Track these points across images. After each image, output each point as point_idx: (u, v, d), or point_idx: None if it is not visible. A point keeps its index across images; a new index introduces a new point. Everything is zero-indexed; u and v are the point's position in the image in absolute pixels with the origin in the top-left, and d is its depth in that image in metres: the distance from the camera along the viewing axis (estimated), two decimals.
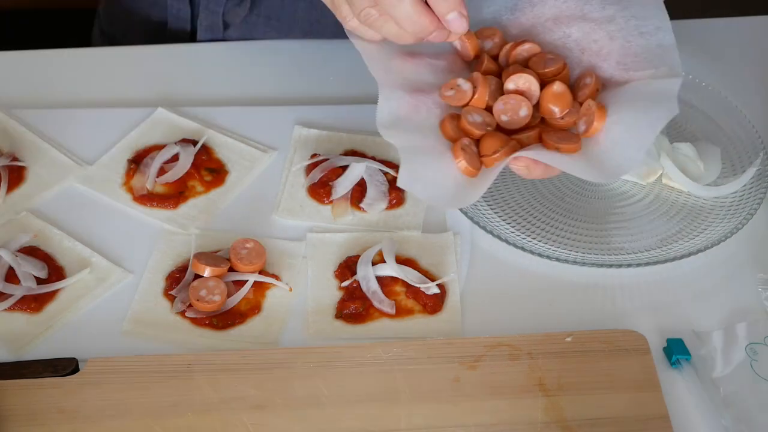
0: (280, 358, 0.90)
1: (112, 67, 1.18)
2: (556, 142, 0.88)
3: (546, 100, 0.90)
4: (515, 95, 0.90)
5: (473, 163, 0.88)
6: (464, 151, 0.88)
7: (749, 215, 1.00)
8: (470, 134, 0.89)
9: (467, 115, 0.89)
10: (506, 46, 0.95)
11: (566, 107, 0.90)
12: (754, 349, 0.91)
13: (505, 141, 0.88)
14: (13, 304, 0.93)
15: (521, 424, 0.86)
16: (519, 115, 0.90)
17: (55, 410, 0.86)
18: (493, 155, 0.88)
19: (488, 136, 0.89)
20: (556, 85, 0.90)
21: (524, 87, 0.91)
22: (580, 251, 0.99)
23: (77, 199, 1.03)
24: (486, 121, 0.90)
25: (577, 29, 0.94)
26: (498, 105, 0.90)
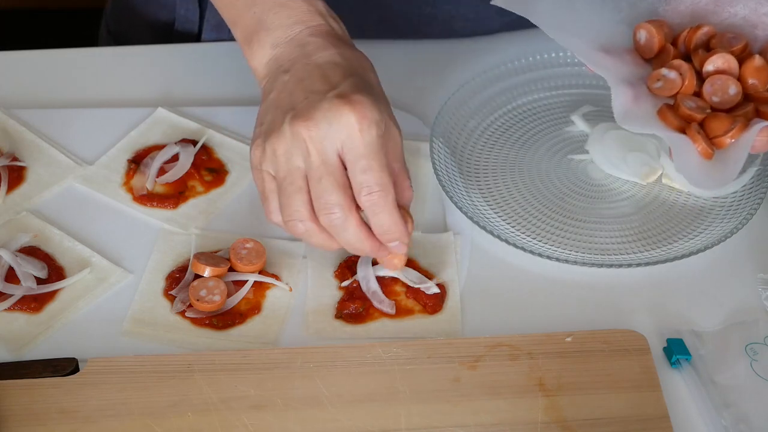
0: (280, 358, 0.90)
1: (113, 66, 1.18)
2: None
3: (747, 75, 0.93)
4: (720, 75, 0.92)
5: (710, 145, 0.91)
6: (700, 135, 0.90)
7: (749, 215, 1.00)
8: (693, 119, 0.92)
9: (684, 102, 0.91)
10: (683, 33, 0.97)
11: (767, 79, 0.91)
12: (754, 349, 0.91)
13: (732, 119, 0.91)
14: (13, 304, 0.93)
15: (521, 424, 0.86)
16: (729, 93, 0.92)
17: (55, 410, 0.86)
18: (726, 135, 0.90)
19: (711, 117, 0.91)
20: (757, 59, 0.93)
21: (724, 66, 0.93)
22: (580, 251, 0.99)
23: (77, 199, 1.03)
24: (700, 105, 0.92)
25: (742, 6, 0.95)
26: (706, 87, 0.92)
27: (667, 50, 0.97)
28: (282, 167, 0.88)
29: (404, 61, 1.17)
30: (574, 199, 1.04)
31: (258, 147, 0.91)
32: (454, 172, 1.05)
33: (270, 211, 0.91)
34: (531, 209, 1.03)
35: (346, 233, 0.88)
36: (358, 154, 0.86)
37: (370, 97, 0.87)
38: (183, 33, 1.23)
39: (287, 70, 0.90)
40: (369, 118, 0.86)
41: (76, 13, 2.34)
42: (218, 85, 1.16)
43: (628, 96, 0.93)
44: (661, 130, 0.93)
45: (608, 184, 1.06)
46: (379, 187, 0.87)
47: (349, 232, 0.88)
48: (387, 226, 0.89)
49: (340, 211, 0.87)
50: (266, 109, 0.91)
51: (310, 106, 0.86)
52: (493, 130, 1.10)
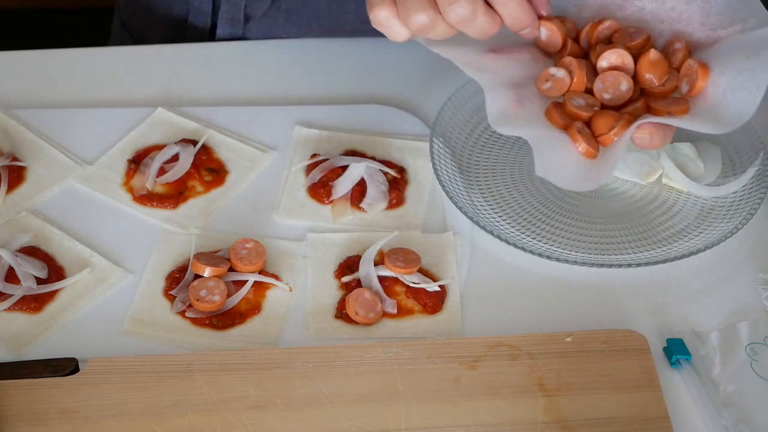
0: (280, 358, 0.90)
1: (112, 67, 1.18)
2: (666, 107, 0.88)
3: (643, 70, 0.90)
4: (612, 71, 0.91)
5: (592, 144, 0.89)
6: (581, 134, 0.89)
7: (749, 215, 1.00)
8: (579, 118, 0.90)
9: (571, 100, 0.90)
10: (585, 27, 0.95)
11: (664, 74, 0.90)
12: (754, 349, 0.91)
13: (616, 116, 0.89)
14: (13, 304, 0.93)
15: (521, 424, 0.86)
16: (620, 90, 0.90)
17: (55, 410, 0.86)
18: (610, 132, 0.88)
19: (597, 115, 0.90)
20: (652, 53, 0.90)
21: (618, 62, 0.91)
22: (580, 251, 0.99)
23: (77, 199, 1.03)
24: (589, 102, 0.91)
25: (649, 1, 0.94)
26: (597, 84, 0.91)
27: (565, 45, 0.95)
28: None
29: (404, 60, 1.17)
30: (574, 198, 1.04)
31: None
32: (454, 172, 1.05)
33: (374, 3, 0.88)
34: (531, 209, 1.03)
35: (476, 23, 0.87)
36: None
37: None
38: (196, 25, 1.23)
39: None
40: None
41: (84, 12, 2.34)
42: (218, 85, 1.16)
43: (507, 99, 0.91)
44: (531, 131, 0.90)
45: (608, 184, 1.06)
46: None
47: (479, 21, 0.87)
48: (517, 16, 0.88)
49: (466, 3, 0.86)
50: None
51: None
52: (493, 130, 1.10)
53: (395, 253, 0.97)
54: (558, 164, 0.88)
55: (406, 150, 1.08)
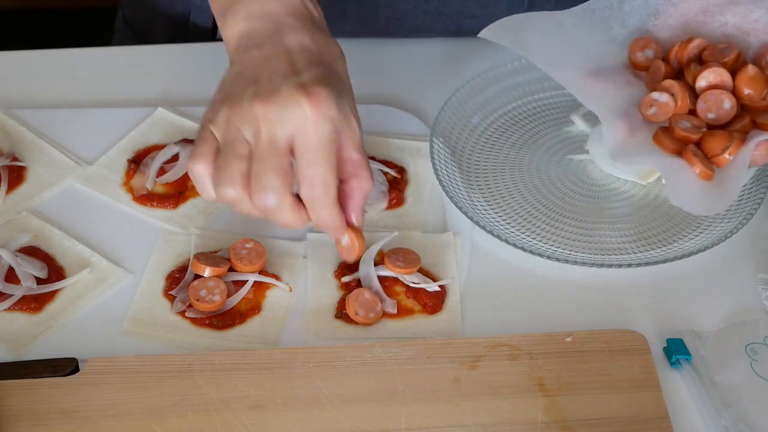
0: (280, 358, 0.90)
1: (112, 66, 1.18)
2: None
3: (741, 86, 0.91)
4: (713, 90, 0.91)
5: (708, 166, 0.90)
6: (696, 157, 0.89)
7: (749, 215, 1.00)
8: (689, 141, 0.90)
9: (678, 124, 0.90)
10: (674, 47, 0.96)
11: (764, 88, 0.90)
12: (754, 349, 0.91)
13: (727, 136, 0.89)
14: (13, 304, 0.93)
15: (521, 424, 0.86)
16: (724, 108, 0.90)
17: (55, 410, 0.86)
18: (725, 152, 0.88)
19: (707, 136, 0.90)
20: (750, 69, 0.91)
21: (717, 80, 0.91)
22: (580, 251, 0.99)
23: (77, 199, 1.03)
24: (695, 124, 0.91)
25: (732, 14, 0.94)
26: (700, 104, 0.91)
27: (658, 68, 0.96)
28: (230, 134, 0.87)
29: (404, 60, 1.17)
30: (574, 199, 1.04)
31: (213, 109, 0.89)
32: (454, 172, 1.05)
33: (195, 154, 0.88)
34: (531, 209, 1.03)
35: (281, 215, 0.87)
36: (306, 146, 0.85)
37: (331, 90, 0.85)
38: (198, 24, 1.23)
39: (258, 46, 0.89)
40: (323, 113, 0.84)
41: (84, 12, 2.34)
42: (218, 84, 1.16)
43: (621, 130, 0.92)
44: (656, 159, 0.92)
45: (608, 184, 1.06)
46: (321, 183, 0.85)
47: (284, 214, 0.87)
48: (324, 221, 0.87)
49: (275, 195, 0.86)
50: (231, 80, 0.90)
51: (272, 88, 0.86)
52: (493, 130, 1.10)
53: (395, 253, 0.97)
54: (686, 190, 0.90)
55: (406, 150, 1.08)
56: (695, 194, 0.90)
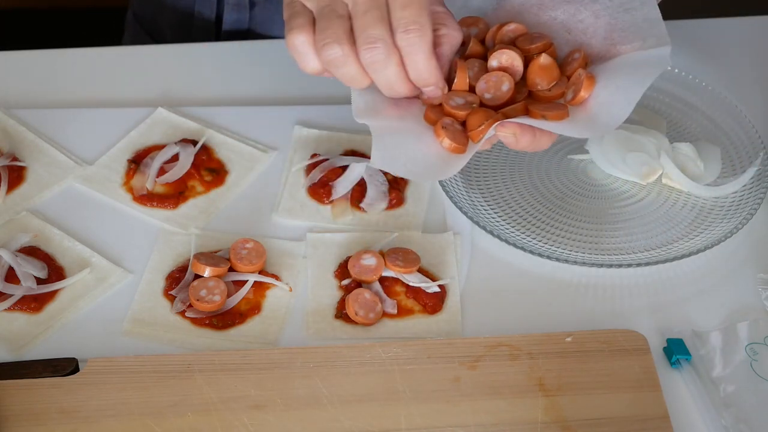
0: (280, 358, 0.90)
1: (112, 67, 1.18)
2: (542, 110, 0.88)
3: (532, 73, 0.91)
4: (496, 72, 0.91)
5: (458, 140, 0.88)
6: (446, 129, 0.88)
7: (749, 215, 1.00)
8: (455, 116, 0.89)
9: (449, 100, 0.89)
10: (492, 28, 0.95)
11: (553, 79, 0.90)
12: (754, 349, 0.91)
13: (490, 114, 0.88)
14: (13, 304, 0.93)
15: (521, 424, 0.86)
16: (501, 90, 0.90)
17: (55, 410, 0.86)
18: (478, 128, 0.87)
19: (473, 112, 0.89)
20: (542, 58, 0.91)
21: (507, 63, 0.91)
22: (580, 251, 0.99)
23: (77, 199, 1.03)
24: (469, 101, 0.90)
25: (563, 11, 0.95)
26: (480, 84, 0.90)
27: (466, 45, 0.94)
28: None
29: None
30: (574, 199, 1.04)
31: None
32: None
33: (293, 26, 0.86)
34: (531, 209, 1.03)
35: (387, 71, 0.85)
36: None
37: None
38: (203, 15, 1.24)
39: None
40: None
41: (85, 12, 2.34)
42: (218, 85, 1.16)
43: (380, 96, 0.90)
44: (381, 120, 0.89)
45: (608, 184, 1.06)
46: (417, 25, 0.84)
47: (390, 70, 0.85)
48: (421, 69, 0.86)
49: (384, 46, 0.84)
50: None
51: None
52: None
53: (395, 252, 0.97)
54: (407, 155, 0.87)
55: None
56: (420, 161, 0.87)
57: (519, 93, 0.90)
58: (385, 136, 0.87)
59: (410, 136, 0.88)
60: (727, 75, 1.18)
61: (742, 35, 1.25)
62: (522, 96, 0.91)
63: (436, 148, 0.88)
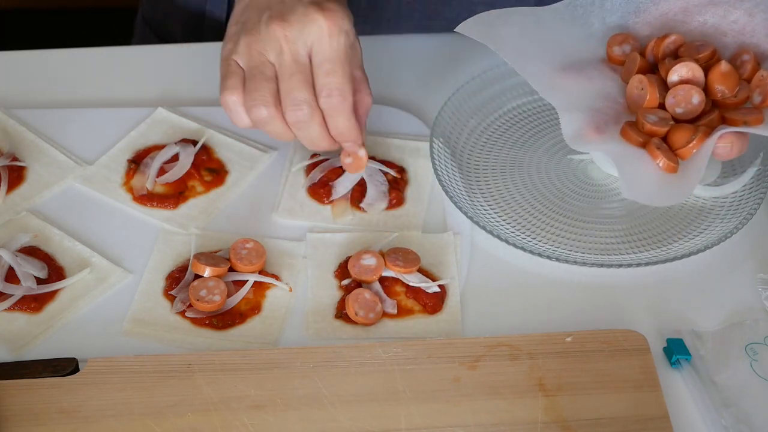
0: (280, 358, 0.90)
1: (112, 66, 1.18)
2: (743, 116, 0.89)
3: (714, 82, 0.91)
4: (683, 85, 0.91)
5: (671, 158, 0.90)
6: (660, 150, 0.89)
7: (749, 215, 1.00)
8: (655, 134, 0.90)
9: (645, 117, 0.90)
10: (650, 43, 0.96)
11: (735, 85, 0.91)
12: (754, 349, 0.91)
13: (693, 129, 0.90)
14: (13, 304, 0.93)
15: (521, 424, 0.86)
16: (692, 103, 0.91)
17: (55, 410, 0.86)
18: (689, 145, 0.89)
19: (674, 129, 0.90)
20: (723, 65, 0.91)
21: (688, 75, 0.92)
22: (580, 251, 0.99)
23: (77, 199, 1.03)
24: (662, 117, 0.91)
25: (711, 15, 0.95)
26: (669, 99, 0.91)
27: (634, 60, 0.96)
28: (254, 59, 0.93)
29: (404, 60, 1.17)
30: (574, 199, 1.04)
31: (231, 41, 0.95)
32: (454, 172, 1.05)
33: (226, 86, 0.95)
34: (531, 209, 1.03)
35: (310, 129, 0.94)
36: (324, 57, 0.91)
37: (342, 7, 0.92)
38: (214, 14, 1.24)
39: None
40: (339, 26, 0.91)
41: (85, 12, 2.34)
42: (218, 85, 1.16)
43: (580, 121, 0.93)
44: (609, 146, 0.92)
45: (608, 184, 1.06)
46: (339, 91, 0.92)
47: (313, 129, 0.94)
48: (342, 128, 0.94)
49: (308, 108, 0.93)
50: (242, 11, 0.96)
51: (285, 9, 0.92)
52: (493, 130, 1.10)
53: (395, 252, 0.97)
54: (642, 181, 0.90)
55: (406, 150, 1.08)
56: (651, 186, 0.90)
57: (705, 104, 0.91)
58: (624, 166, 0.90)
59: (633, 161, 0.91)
60: None
61: None
62: (708, 106, 0.91)
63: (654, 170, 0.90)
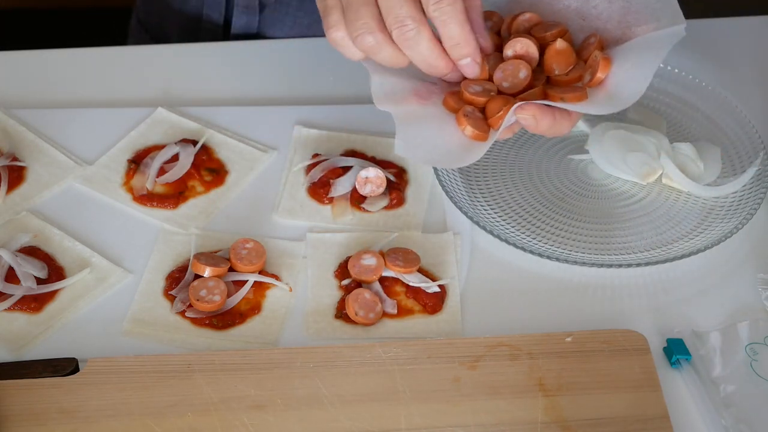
0: (280, 358, 0.90)
1: (112, 67, 1.18)
2: (561, 93, 0.89)
3: (549, 59, 0.92)
4: (513, 60, 0.92)
5: (480, 127, 0.89)
6: (468, 117, 0.89)
7: (749, 215, 1.00)
8: (474, 103, 0.91)
9: (467, 87, 0.90)
10: (506, 18, 0.96)
11: (570, 64, 0.92)
12: (754, 349, 0.91)
13: (508, 100, 0.89)
14: (13, 304, 0.93)
15: (521, 424, 0.86)
16: (519, 77, 0.91)
17: (55, 410, 0.86)
18: (498, 114, 0.88)
19: (492, 99, 0.90)
20: (558, 43, 0.92)
21: (522, 51, 0.92)
22: (580, 251, 0.99)
23: (77, 199, 1.03)
24: (487, 88, 0.91)
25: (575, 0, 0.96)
26: (497, 73, 0.91)
27: None
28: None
29: None
30: (574, 199, 1.04)
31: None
32: (454, 172, 1.05)
33: (330, 24, 0.89)
34: (531, 209, 1.03)
35: (419, 47, 0.87)
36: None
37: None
38: (211, 18, 1.23)
39: None
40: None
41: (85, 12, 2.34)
42: (218, 85, 1.16)
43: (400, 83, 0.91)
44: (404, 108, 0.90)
45: (608, 184, 1.06)
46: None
47: (422, 46, 0.87)
48: (457, 38, 0.87)
49: (413, 23, 0.86)
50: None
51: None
52: None
53: (395, 252, 0.97)
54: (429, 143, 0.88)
55: None
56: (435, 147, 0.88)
57: (537, 80, 0.92)
58: (408, 125, 0.88)
59: (432, 124, 0.89)
60: (727, 75, 1.18)
61: (742, 35, 1.25)
62: (540, 82, 0.91)
63: (458, 137, 0.89)
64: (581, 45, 0.94)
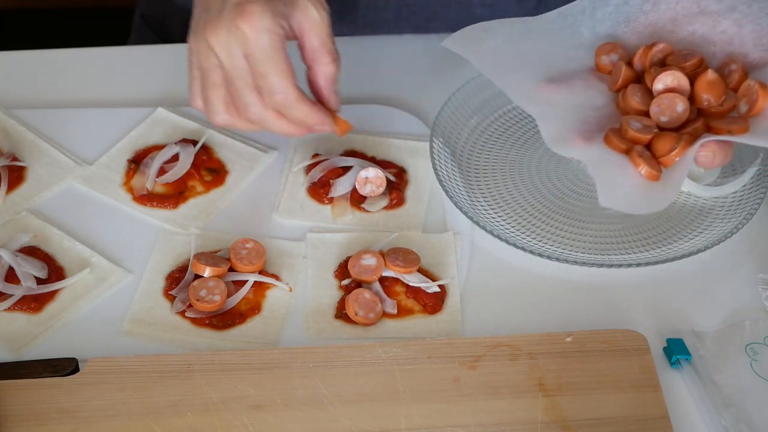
0: (280, 358, 0.90)
1: (112, 67, 1.18)
2: (727, 125, 0.89)
3: (700, 91, 0.91)
4: (667, 94, 0.91)
5: (654, 167, 0.90)
6: (642, 157, 0.89)
7: (749, 215, 1.00)
8: (639, 141, 0.91)
9: (629, 124, 0.90)
10: (638, 50, 0.96)
11: (722, 94, 0.91)
12: (754, 349, 0.91)
13: (677, 137, 0.90)
14: (13, 304, 0.93)
15: (521, 424, 0.86)
16: (677, 111, 0.91)
17: (55, 410, 0.86)
18: (671, 153, 0.89)
19: (658, 137, 0.90)
20: (709, 74, 0.91)
21: (673, 84, 0.92)
22: (580, 251, 0.99)
23: (77, 199, 1.03)
24: (646, 125, 0.91)
25: (700, 25, 0.96)
26: (653, 108, 0.91)
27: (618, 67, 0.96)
28: (203, 65, 0.94)
29: (404, 60, 1.17)
30: (574, 199, 1.04)
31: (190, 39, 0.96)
32: (454, 172, 1.05)
33: (191, 96, 0.97)
34: (531, 209, 1.03)
35: (271, 125, 0.94)
36: (254, 60, 0.91)
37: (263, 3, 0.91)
38: None
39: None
40: (258, 27, 0.90)
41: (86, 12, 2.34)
42: None
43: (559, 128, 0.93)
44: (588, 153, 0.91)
45: None
46: (279, 89, 0.92)
47: (273, 124, 0.94)
48: (299, 118, 0.94)
49: (256, 108, 0.93)
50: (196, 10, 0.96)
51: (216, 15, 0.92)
52: (493, 130, 1.10)
53: (395, 252, 0.97)
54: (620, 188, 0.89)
55: (405, 150, 1.08)
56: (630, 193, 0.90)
57: (690, 112, 0.91)
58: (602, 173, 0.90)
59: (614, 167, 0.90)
60: None
61: None
62: (693, 114, 0.91)
63: (637, 178, 0.90)
64: (720, 72, 0.93)
